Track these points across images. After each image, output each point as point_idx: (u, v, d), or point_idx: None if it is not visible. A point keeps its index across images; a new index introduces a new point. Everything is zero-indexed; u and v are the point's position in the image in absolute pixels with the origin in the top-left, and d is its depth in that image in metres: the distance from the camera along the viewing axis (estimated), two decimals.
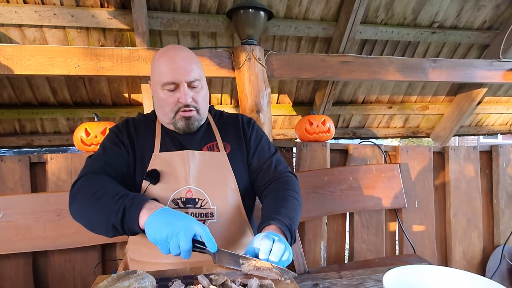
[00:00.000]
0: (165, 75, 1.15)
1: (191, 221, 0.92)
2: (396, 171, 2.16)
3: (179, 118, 1.18)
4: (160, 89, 1.17)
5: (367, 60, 2.47)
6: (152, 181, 1.13)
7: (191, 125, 1.20)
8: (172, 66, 1.15)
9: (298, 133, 2.46)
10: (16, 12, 2.07)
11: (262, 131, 1.37)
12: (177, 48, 1.22)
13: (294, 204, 1.13)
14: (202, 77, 1.22)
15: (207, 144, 1.23)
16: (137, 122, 1.29)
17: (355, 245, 2.18)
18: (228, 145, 1.25)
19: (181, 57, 1.18)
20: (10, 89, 2.49)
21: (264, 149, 1.29)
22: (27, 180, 1.85)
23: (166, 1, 2.24)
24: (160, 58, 1.18)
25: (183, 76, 1.15)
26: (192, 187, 1.15)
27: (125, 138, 1.21)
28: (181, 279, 0.91)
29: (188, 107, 1.17)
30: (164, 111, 1.20)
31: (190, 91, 1.17)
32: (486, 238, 2.47)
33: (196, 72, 1.17)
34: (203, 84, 1.23)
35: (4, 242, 1.63)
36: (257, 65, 2.13)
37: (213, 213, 1.14)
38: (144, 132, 1.25)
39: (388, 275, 0.81)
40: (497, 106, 3.57)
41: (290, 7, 2.44)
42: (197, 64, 1.21)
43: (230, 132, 1.29)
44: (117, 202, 0.96)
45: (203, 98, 1.22)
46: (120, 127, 1.26)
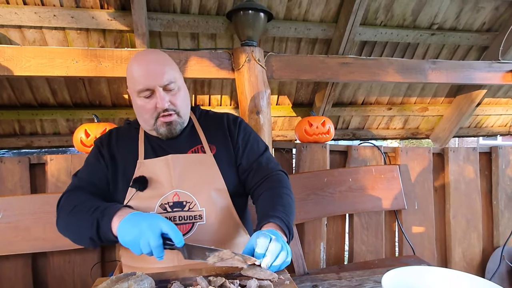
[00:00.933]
0: (138, 82, 1.12)
1: (156, 218, 0.94)
2: (395, 173, 2.16)
3: (160, 124, 1.16)
4: (137, 97, 1.15)
5: (366, 61, 2.47)
6: (139, 188, 1.13)
7: (173, 129, 1.18)
8: (144, 72, 1.12)
9: (297, 134, 2.46)
10: (16, 13, 2.08)
11: (250, 129, 1.34)
12: (148, 52, 1.20)
13: (289, 202, 1.12)
14: (178, 78, 1.19)
15: (192, 148, 1.22)
16: (121, 132, 1.29)
17: (354, 246, 2.18)
18: (213, 146, 1.23)
19: (152, 61, 1.14)
20: (9, 90, 2.50)
21: (253, 148, 1.27)
22: (27, 181, 1.85)
23: (166, 2, 2.24)
24: (132, 65, 1.16)
25: (156, 81, 1.12)
26: (178, 190, 1.14)
27: (105, 152, 1.22)
28: (180, 281, 0.91)
29: (167, 111, 1.14)
30: (144, 119, 1.18)
31: (166, 94, 1.14)
32: (486, 239, 2.47)
33: (169, 75, 1.14)
34: (180, 85, 1.19)
35: (4, 243, 1.62)
36: (257, 67, 2.13)
37: (202, 215, 1.14)
38: (127, 141, 1.25)
39: (387, 276, 0.81)
40: (497, 108, 3.57)
41: (290, 8, 2.44)
42: (170, 66, 1.17)
43: (215, 133, 1.27)
44: (91, 215, 1.00)
45: (182, 100, 1.19)
46: (102, 140, 1.26)
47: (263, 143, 1.33)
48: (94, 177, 1.19)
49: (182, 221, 1.13)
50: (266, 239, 0.90)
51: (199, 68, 2.14)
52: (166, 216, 1.12)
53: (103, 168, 1.20)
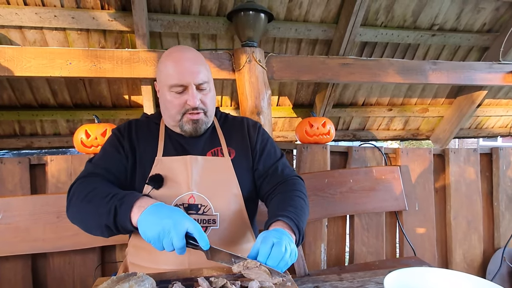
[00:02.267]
0: (172, 77, 1.13)
1: (182, 217, 0.91)
2: (396, 174, 2.15)
3: (186, 120, 1.16)
4: (167, 91, 1.15)
5: (367, 62, 2.47)
6: (155, 186, 1.11)
7: (199, 128, 1.18)
8: (180, 68, 1.12)
9: (298, 135, 2.46)
10: (16, 14, 2.07)
11: (267, 135, 1.34)
12: (185, 49, 1.19)
13: (301, 204, 1.11)
14: (210, 79, 1.20)
15: (212, 149, 1.21)
16: (140, 125, 1.26)
17: (355, 247, 2.17)
18: (232, 150, 1.23)
19: (189, 58, 1.15)
20: (10, 91, 2.49)
21: (270, 154, 1.27)
22: (27, 182, 1.85)
23: (167, 3, 2.24)
24: (167, 59, 1.16)
25: (192, 79, 1.12)
26: (194, 193, 1.13)
27: (126, 142, 1.19)
28: (181, 281, 0.90)
29: (196, 109, 1.14)
30: (171, 113, 1.17)
31: (198, 93, 1.15)
32: (487, 240, 2.46)
33: (204, 74, 1.15)
34: (211, 87, 1.21)
35: (3, 244, 1.62)
36: (258, 67, 2.13)
37: (216, 220, 1.13)
38: (146, 135, 1.23)
39: (389, 278, 0.81)
40: (497, 109, 3.57)
41: (290, 9, 2.44)
42: (205, 66, 1.19)
43: (235, 137, 1.26)
44: (108, 203, 0.96)
45: (211, 101, 1.19)
46: (122, 130, 1.23)
47: (280, 150, 1.32)
48: (111, 165, 1.15)
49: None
50: (268, 245, 0.89)
51: None
52: None
53: (122, 159, 1.17)
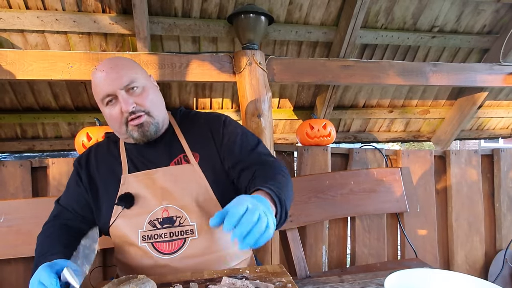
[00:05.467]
0: (99, 90, 1.10)
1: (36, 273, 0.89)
2: (397, 175, 2.15)
3: (131, 128, 1.11)
4: (103, 106, 1.12)
5: (367, 64, 2.47)
6: (125, 205, 1.10)
7: (147, 132, 1.12)
8: (102, 79, 1.09)
9: (299, 137, 2.46)
10: (18, 18, 2.08)
11: (236, 125, 1.25)
12: (105, 60, 1.15)
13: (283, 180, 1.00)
14: (141, 78, 1.14)
15: (175, 158, 1.16)
16: (100, 149, 1.26)
17: (356, 249, 2.17)
18: (196, 153, 1.17)
19: (108, 67, 1.10)
20: (12, 94, 2.50)
21: (242, 146, 1.17)
22: (28, 185, 1.85)
23: (168, 6, 2.25)
24: (92, 76, 1.13)
25: (116, 84, 1.08)
26: (167, 206, 1.10)
27: (83, 174, 1.20)
28: (182, 284, 0.91)
29: (134, 113, 1.09)
30: (116, 127, 1.14)
31: (130, 96, 1.09)
32: (488, 242, 2.46)
33: (128, 76, 1.10)
34: (145, 85, 1.14)
35: (5, 247, 1.62)
36: (258, 70, 2.14)
37: (193, 230, 1.10)
38: (107, 157, 1.21)
39: (390, 279, 0.81)
40: (498, 110, 3.57)
41: (291, 12, 2.45)
42: (129, 67, 1.13)
43: (197, 138, 1.20)
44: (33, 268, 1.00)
45: (150, 99, 1.13)
46: (81, 160, 1.24)
47: (254, 138, 1.23)
48: (73, 202, 1.19)
49: (173, 237, 1.09)
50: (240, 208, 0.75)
51: (200, 71, 2.15)
52: (156, 233, 1.09)
53: (82, 192, 1.19)
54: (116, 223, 1.11)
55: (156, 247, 1.09)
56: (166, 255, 1.09)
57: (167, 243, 1.09)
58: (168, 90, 2.72)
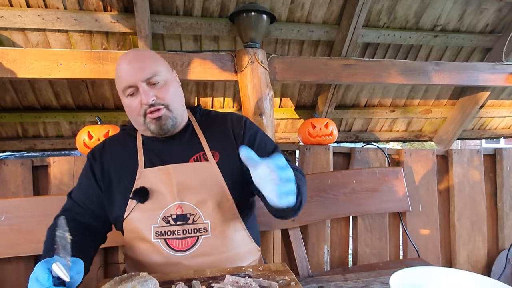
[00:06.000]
0: (121, 81, 1.11)
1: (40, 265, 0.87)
2: (400, 175, 2.14)
3: (149, 121, 1.11)
4: (124, 97, 1.13)
5: (369, 63, 2.46)
6: (140, 199, 1.09)
7: (164, 125, 1.12)
8: (125, 70, 1.10)
9: (301, 136, 2.46)
10: (19, 16, 2.08)
11: (256, 128, 1.26)
12: (130, 51, 1.16)
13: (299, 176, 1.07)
14: (163, 71, 1.14)
15: (194, 155, 1.16)
16: (116, 141, 1.25)
17: (358, 249, 2.16)
18: (216, 153, 1.17)
19: (132, 58, 1.12)
20: (12, 93, 2.50)
21: (261, 147, 1.19)
22: (30, 184, 1.85)
23: (169, 5, 2.25)
24: (116, 66, 1.14)
25: (138, 76, 1.08)
26: (181, 202, 1.10)
27: (97, 167, 1.19)
28: (184, 282, 0.90)
29: (153, 106, 1.09)
30: (134, 118, 1.15)
31: (151, 89, 1.09)
32: (491, 242, 2.45)
33: (152, 69, 1.10)
34: (168, 78, 1.14)
35: (6, 246, 1.62)
36: (260, 68, 2.13)
37: (207, 228, 1.10)
38: (122, 150, 1.20)
39: (394, 277, 0.80)
40: (500, 110, 3.56)
41: (292, 10, 2.44)
42: (152, 59, 1.14)
43: (218, 137, 1.20)
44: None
45: (171, 93, 1.13)
46: (95, 153, 1.23)
47: (272, 142, 1.26)
48: (85, 197, 1.18)
49: (186, 234, 1.09)
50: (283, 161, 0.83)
51: (202, 70, 2.14)
52: (169, 229, 1.09)
53: (94, 187, 1.17)
54: (130, 217, 1.11)
55: (169, 243, 1.09)
56: (178, 252, 1.08)
57: (180, 240, 1.08)
58: None
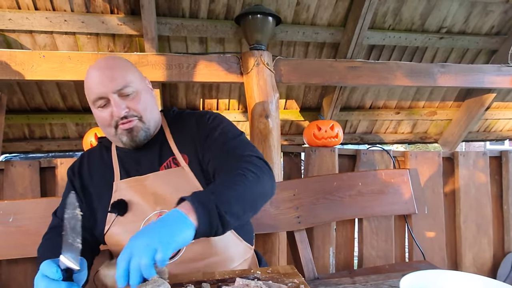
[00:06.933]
0: (91, 92, 1.05)
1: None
2: (405, 177, 2.13)
3: (121, 132, 1.07)
4: (93, 108, 1.08)
5: (374, 65, 2.46)
6: (119, 212, 1.07)
7: (136, 137, 1.08)
8: (95, 80, 1.04)
9: (306, 138, 2.46)
10: (27, 18, 2.10)
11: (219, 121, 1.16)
12: (101, 59, 1.10)
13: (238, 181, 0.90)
14: (135, 81, 1.08)
15: (164, 162, 1.12)
16: (93, 154, 1.24)
17: (364, 251, 2.15)
18: (185, 155, 1.13)
19: (103, 67, 1.06)
20: (20, 95, 2.52)
21: (219, 140, 1.09)
22: (37, 185, 1.86)
23: (175, 7, 2.26)
24: (86, 75, 1.07)
25: (109, 87, 1.03)
26: (161, 210, 1.07)
27: (77, 183, 1.17)
28: (194, 284, 0.90)
29: (125, 118, 1.05)
30: (105, 130, 1.11)
31: (123, 100, 1.04)
32: (496, 244, 2.44)
33: (123, 79, 1.05)
34: (139, 88, 1.09)
35: (14, 247, 1.62)
36: (266, 70, 2.13)
37: None
38: (99, 164, 1.19)
39: (405, 281, 0.80)
40: (506, 112, 3.54)
41: (298, 12, 2.45)
42: (124, 69, 1.08)
43: (186, 139, 1.15)
44: None
45: (143, 104, 1.08)
46: (74, 168, 1.21)
47: (235, 131, 1.15)
48: None
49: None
50: (121, 262, 0.74)
51: (207, 72, 2.15)
52: None
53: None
54: (111, 231, 1.08)
55: None
56: None
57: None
58: (175, 91, 2.72)
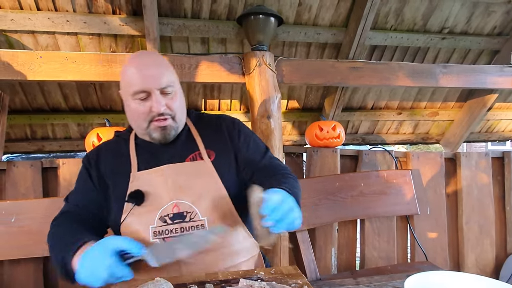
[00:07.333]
0: (134, 83, 1.09)
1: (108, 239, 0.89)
2: (407, 177, 2.13)
3: (153, 128, 1.12)
4: (131, 99, 1.11)
5: (376, 65, 2.46)
6: (136, 202, 1.10)
7: (167, 135, 1.14)
8: (142, 74, 1.08)
9: (308, 139, 2.46)
10: (29, 19, 2.10)
11: (249, 130, 1.30)
12: (146, 54, 1.16)
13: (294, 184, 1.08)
14: (175, 82, 1.16)
15: (190, 155, 1.18)
16: (110, 146, 1.26)
17: (366, 252, 2.15)
18: (212, 152, 1.19)
19: (151, 63, 1.11)
20: (22, 95, 2.52)
21: (255, 149, 1.24)
22: (39, 185, 1.86)
23: (177, 7, 2.26)
24: (128, 66, 1.12)
25: (154, 83, 1.08)
26: (177, 201, 1.10)
27: (93, 171, 1.18)
28: (197, 285, 0.90)
29: (162, 115, 1.10)
30: (137, 122, 1.15)
31: (163, 98, 1.10)
32: (499, 245, 2.44)
33: (167, 78, 1.11)
34: (177, 89, 1.16)
35: (16, 247, 1.63)
36: (268, 71, 2.13)
37: (204, 225, 1.10)
38: (117, 155, 1.21)
39: (409, 281, 0.80)
40: (508, 112, 3.53)
41: (300, 13, 2.44)
42: (168, 69, 1.15)
43: (212, 138, 1.22)
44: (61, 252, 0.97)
45: (178, 104, 1.15)
46: (90, 157, 1.22)
47: (263, 144, 1.30)
48: (84, 200, 1.17)
49: (184, 232, 1.09)
50: (276, 195, 0.88)
51: (209, 72, 2.15)
52: (167, 229, 1.09)
53: (93, 190, 1.17)
54: (127, 220, 1.10)
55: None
56: None
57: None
58: None
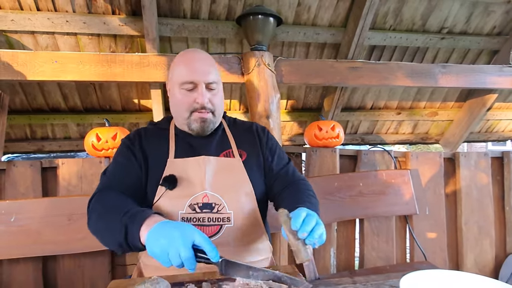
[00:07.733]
0: (184, 74, 1.18)
1: (189, 229, 0.88)
2: (406, 177, 2.13)
3: (194, 119, 1.19)
4: (178, 89, 1.19)
5: (375, 66, 2.46)
6: (169, 186, 1.13)
7: (206, 127, 1.21)
8: (191, 67, 1.18)
9: (307, 139, 2.46)
10: (29, 19, 2.10)
11: (275, 139, 1.39)
12: (198, 51, 1.26)
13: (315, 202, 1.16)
14: (220, 81, 1.25)
15: (224, 151, 1.24)
16: (150, 132, 1.29)
17: (365, 252, 2.15)
18: (243, 152, 1.26)
19: (201, 59, 1.22)
20: (22, 95, 2.52)
21: (280, 157, 1.33)
22: (39, 185, 1.87)
23: (176, 8, 2.26)
24: (180, 59, 1.23)
25: (202, 77, 1.17)
26: (208, 192, 1.15)
27: (137, 150, 1.21)
28: (195, 284, 0.91)
29: (204, 108, 1.18)
30: (179, 112, 1.21)
31: (208, 92, 1.19)
32: (498, 245, 2.43)
33: (214, 75, 1.20)
34: (220, 89, 1.25)
35: (15, 247, 1.63)
36: (267, 71, 2.14)
37: (230, 218, 1.15)
38: (157, 140, 1.25)
39: (405, 280, 0.80)
40: (508, 112, 3.53)
41: (299, 13, 2.45)
42: (215, 68, 1.24)
43: (245, 140, 1.30)
44: (121, 220, 0.96)
45: (219, 101, 1.24)
46: (132, 138, 1.25)
47: (286, 155, 1.38)
48: (125, 176, 1.17)
49: (210, 222, 1.13)
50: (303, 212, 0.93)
51: None
52: (195, 216, 1.13)
53: (136, 167, 1.18)
54: (159, 202, 1.14)
55: None
56: None
57: (204, 228, 1.12)
58: None
